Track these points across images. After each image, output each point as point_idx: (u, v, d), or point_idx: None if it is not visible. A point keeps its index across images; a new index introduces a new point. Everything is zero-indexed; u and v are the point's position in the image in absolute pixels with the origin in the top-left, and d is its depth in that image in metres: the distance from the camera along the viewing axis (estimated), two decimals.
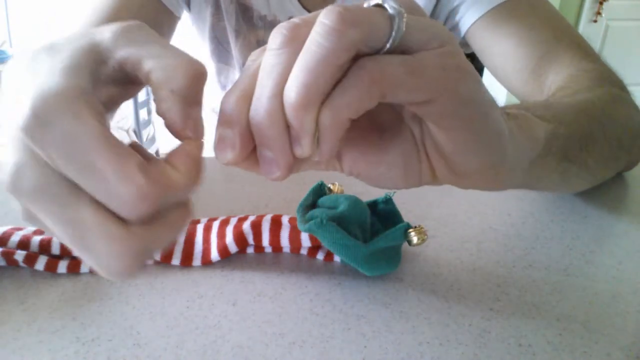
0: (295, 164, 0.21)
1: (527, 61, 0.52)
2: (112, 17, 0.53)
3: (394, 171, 0.25)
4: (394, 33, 0.19)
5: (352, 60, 0.19)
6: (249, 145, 0.20)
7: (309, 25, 0.19)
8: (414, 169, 0.25)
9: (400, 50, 0.20)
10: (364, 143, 0.25)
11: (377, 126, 0.25)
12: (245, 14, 0.61)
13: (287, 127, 0.20)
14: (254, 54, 0.22)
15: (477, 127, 0.22)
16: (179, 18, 0.60)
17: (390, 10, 0.19)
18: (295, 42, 0.19)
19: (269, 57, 0.20)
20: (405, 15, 0.19)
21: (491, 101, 0.23)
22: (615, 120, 0.41)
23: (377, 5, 0.19)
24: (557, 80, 0.48)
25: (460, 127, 0.22)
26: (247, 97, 0.20)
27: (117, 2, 0.53)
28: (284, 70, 0.19)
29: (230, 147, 0.20)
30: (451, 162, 0.24)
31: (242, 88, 0.20)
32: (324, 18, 0.18)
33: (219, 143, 0.21)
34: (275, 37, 0.20)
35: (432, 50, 0.20)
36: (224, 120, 0.20)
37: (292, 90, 0.19)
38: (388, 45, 0.19)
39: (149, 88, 0.20)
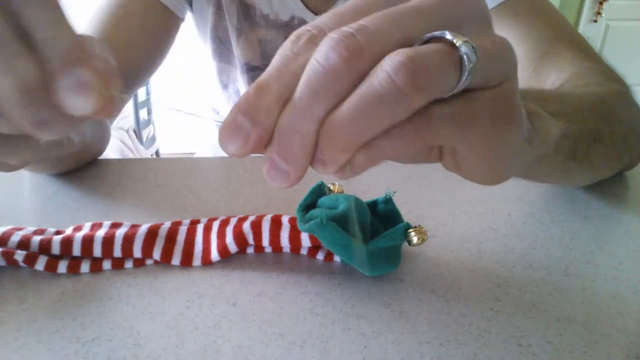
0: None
1: (528, 61, 0.52)
2: (115, 22, 0.52)
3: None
4: (459, 86, 0.18)
5: None
6: (263, 145, 0.19)
7: (372, 52, 0.17)
8: (423, 154, 0.25)
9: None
10: None
11: None
12: (247, 13, 0.61)
13: (315, 145, 0.18)
14: (295, 42, 0.19)
15: (504, 163, 0.22)
16: (182, 20, 0.60)
17: (464, 59, 0.17)
18: (354, 71, 0.17)
19: (319, 73, 0.17)
20: (478, 61, 0.17)
21: (523, 142, 0.23)
22: (622, 119, 0.41)
23: (448, 42, 0.17)
24: (561, 78, 0.48)
25: (487, 162, 0.22)
26: (282, 98, 0.18)
27: (120, 7, 0.53)
28: (334, 99, 0.17)
29: (242, 141, 0.18)
30: (462, 170, 0.24)
31: (277, 88, 0.18)
32: (393, 72, 0.16)
33: (231, 128, 0.18)
34: (332, 52, 0.17)
35: (488, 91, 0.19)
36: (246, 109, 0.18)
37: (337, 131, 0.17)
38: (448, 96, 0.18)
39: (149, 88, 0.19)
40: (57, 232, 0.35)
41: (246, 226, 0.34)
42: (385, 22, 0.17)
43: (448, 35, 0.17)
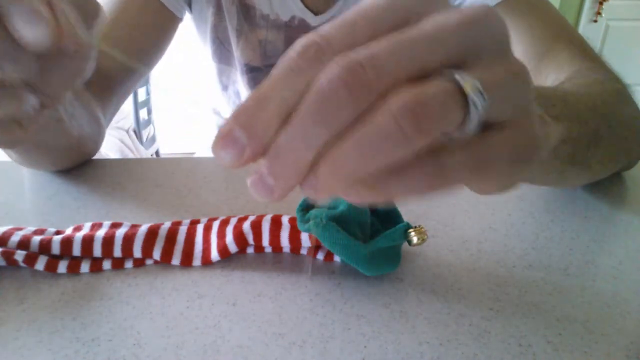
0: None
1: (527, 60, 0.52)
2: (113, 19, 0.52)
3: None
4: (467, 130, 0.17)
5: None
6: (257, 158, 0.18)
7: (380, 86, 0.16)
8: None
9: None
10: None
11: None
12: (247, 13, 0.61)
13: (308, 170, 0.18)
14: (301, 54, 0.18)
15: (512, 182, 0.21)
16: (180, 19, 0.60)
17: (470, 103, 0.17)
18: (359, 104, 0.17)
19: (323, 101, 0.17)
20: (486, 103, 0.17)
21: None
22: (621, 119, 0.41)
23: (454, 82, 0.17)
24: (560, 77, 0.48)
25: (497, 184, 0.21)
26: (281, 114, 0.17)
27: (117, 5, 0.53)
28: (334, 127, 0.17)
29: (236, 154, 0.18)
30: (468, 185, 0.23)
31: (277, 103, 0.17)
32: (398, 115, 0.16)
33: (226, 139, 0.18)
34: (339, 82, 0.16)
35: (505, 131, 0.18)
36: (244, 122, 0.17)
37: (338, 161, 0.17)
38: (456, 137, 0.17)
39: (149, 87, 0.19)
40: (57, 232, 0.35)
41: (246, 226, 0.34)
42: (397, 53, 0.17)
43: (459, 81, 0.17)
